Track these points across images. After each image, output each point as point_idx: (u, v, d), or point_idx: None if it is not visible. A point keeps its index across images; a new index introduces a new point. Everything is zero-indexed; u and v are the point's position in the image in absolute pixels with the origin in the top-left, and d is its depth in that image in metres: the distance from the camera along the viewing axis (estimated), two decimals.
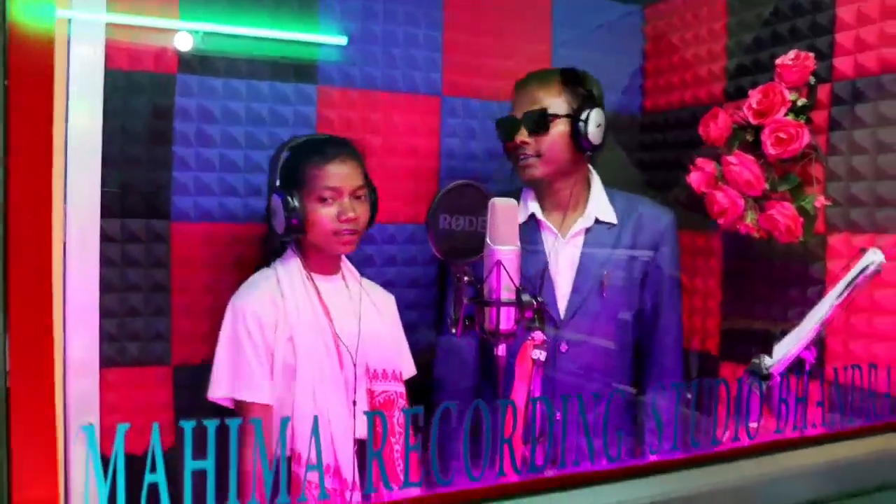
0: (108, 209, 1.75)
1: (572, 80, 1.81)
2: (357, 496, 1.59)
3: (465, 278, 1.31)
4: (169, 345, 1.86)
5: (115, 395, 1.79)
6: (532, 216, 1.86)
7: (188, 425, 0.85)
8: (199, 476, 0.86)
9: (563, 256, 1.84)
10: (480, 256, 1.31)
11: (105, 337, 1.76)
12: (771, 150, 1.72)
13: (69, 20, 1.74)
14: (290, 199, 1.64)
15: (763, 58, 2.01)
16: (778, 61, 1.77)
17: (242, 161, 1.92)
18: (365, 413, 1.25)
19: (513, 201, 1.28)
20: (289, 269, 1.72)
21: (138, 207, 1.81)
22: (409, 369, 1.83)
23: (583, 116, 1.76)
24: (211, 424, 0.85)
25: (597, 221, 1.86)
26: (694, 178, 1.89)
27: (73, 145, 1.73)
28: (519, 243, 1.28)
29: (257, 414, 1.62)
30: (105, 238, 1.75)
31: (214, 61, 1.89)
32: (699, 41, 2.27)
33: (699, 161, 1.90)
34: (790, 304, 1.91)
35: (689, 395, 1.33)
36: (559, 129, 1.77)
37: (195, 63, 1.87)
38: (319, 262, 1.74)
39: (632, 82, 2.55)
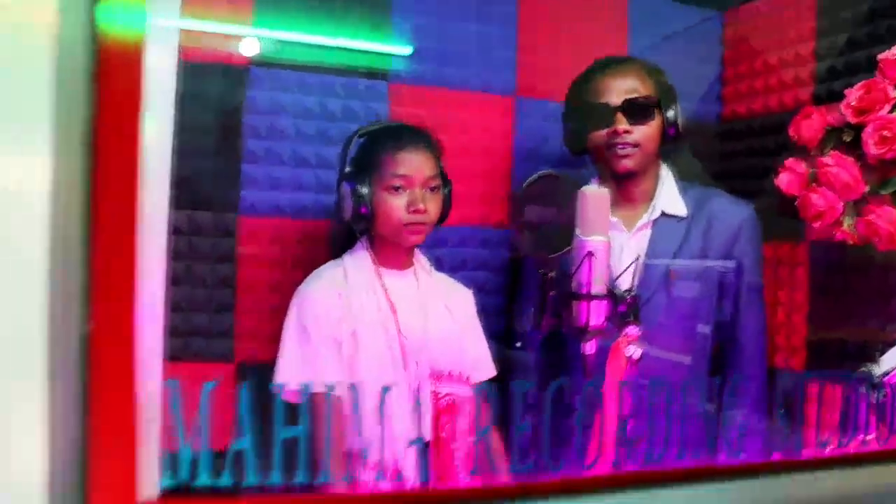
0: (178, 201, 1.72)
1: (656, 70, 1.74)
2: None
3: (551, 273, 1.24)
4: (232, 341, 1.82)
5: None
6: None
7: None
8: None
9: (627, 253, 1.74)
10: (566, 251, 1.23)
11: (170, 331, 1.72)
12: (873, 149, 1.61)
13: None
14: (359, 187, 1.59)
15: (858, 59, 1.90)
16: (881, 56, 1.66)
17: (313, 156, 1.87)
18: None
19: (605, 190, 1.21)
20: (357, 262, 1.66)
21: (207, 200, 1.78)
22: (483, 372, 1.74)
23: (673, 106, 1.69)
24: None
25: (663, 214, 1.76)
26: (784, 180, 1.79)
27: (146, 136, 1.71)
28: (609, 235, 1.20)
29: (327, 405, 1.55)
30: (173, 230, 1.72)
31: (286, 54, 1.85)
32: (785, 45, 2.17)
33: (789, 162, 1.80)
34: (890, 317, 1.78)
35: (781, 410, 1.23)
36: (657, 118, 1.70)
37: (267, 56, 1.84)
38: (389, 255, 1.67)
39: (709, 90, 2.46)
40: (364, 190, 1.59)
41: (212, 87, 1.80)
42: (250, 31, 1.84)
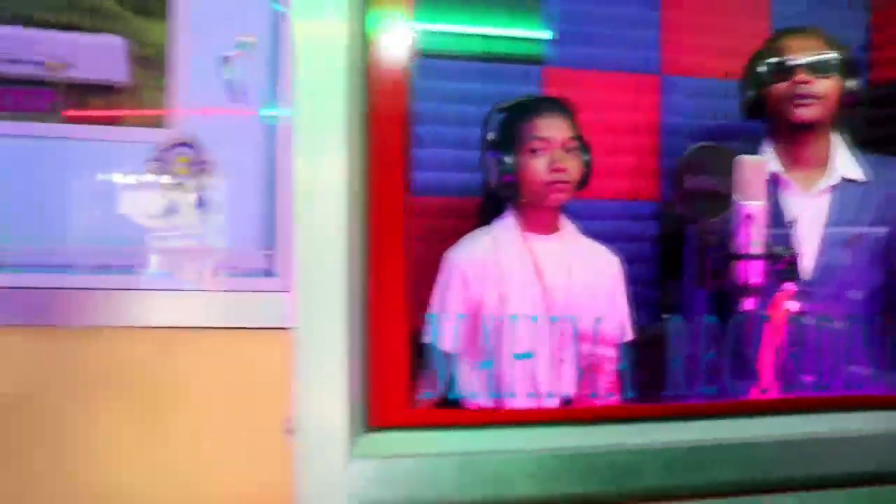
0: None
1: (836, 40, 1.82)
2: None
3: (711, 236, 1.35)
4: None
5: None
6: (772, 174, 1.84)
7: None
8: None
9: (807, 216, 1.80)
10: (724, 216, 1.33)
11: None
12: None
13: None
14: (502, 155, 1.74)
15: None
16: None
17: (475, 139, 2.02)
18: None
19: (761, 158, 1.30)
20: (505, 228, 1.81)
21: None
22: (625, 334, 1.85)
23: (853, 74, 1.77)
24: None
25: (844, 179, 1.82)
26: None
27: None
28: (765, 199, 1.30)
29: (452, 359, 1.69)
30: None
31: (447, 44, 2.02)
32: None
33: None
34: None
35: None
36: (837, 76, 1.78)
37: (429, 46, 2.00)
38: (536, 220, 1.80)
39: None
40: (507, 157, 1.74)
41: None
42: (413, 24, 2.02)
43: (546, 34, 2.12)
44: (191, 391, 1.92)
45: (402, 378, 0.96)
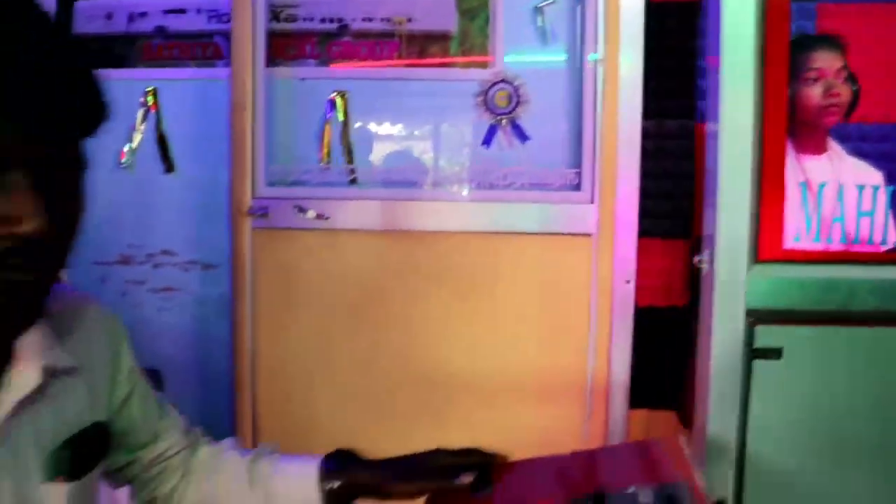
0: (648, 112, 2.26)
1: None
2: None
3: None
4: (690, 221, 2.32)
5: (646, 259, 2.29)
6: None
7: None
8: None
9: None
10: None
11: (642, 213, 2.28)
12: None
13: None
14: None
15: None
16: None
17: None
18: None
19: None
20: None
21: (673, 111, 2.28)
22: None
23: None
24: None
25: None
26: None
27: (623, 63, 2.25)
28: None
29: None
30: (644, 135, 2.26)
31: None
32: None
33: None
34: None
35: None
36: None
37: None
38: (807, 142, 2.09)
39: None
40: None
41: (671, 19, 2.28)
42: None
43: None
44: (509, 284, 2.36)
45: (781, 228, 1.41)
